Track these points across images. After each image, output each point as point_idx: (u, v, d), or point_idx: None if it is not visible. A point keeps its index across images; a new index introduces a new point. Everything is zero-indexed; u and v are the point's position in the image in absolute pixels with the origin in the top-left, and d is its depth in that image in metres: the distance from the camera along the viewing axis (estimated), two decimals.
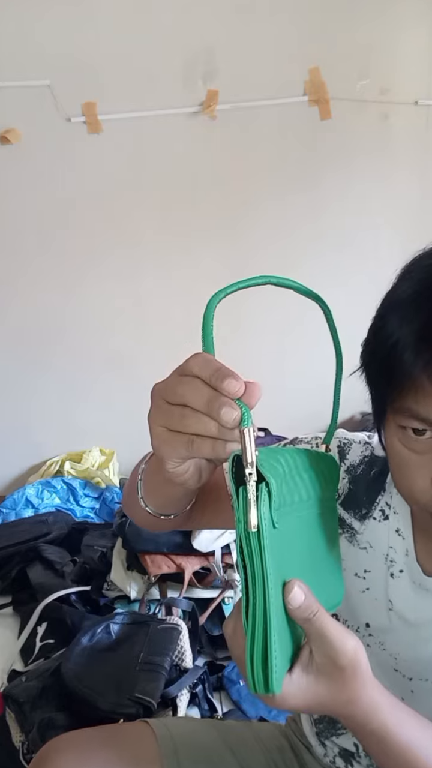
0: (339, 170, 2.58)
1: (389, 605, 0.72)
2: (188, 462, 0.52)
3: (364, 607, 0.74)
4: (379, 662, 0.73)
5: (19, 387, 2.58)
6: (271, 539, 0.48)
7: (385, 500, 0.73)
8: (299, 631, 0.52)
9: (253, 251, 2.56)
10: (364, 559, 0.74)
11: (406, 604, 0.71)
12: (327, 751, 0.85)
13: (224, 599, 1.68)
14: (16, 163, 2.33)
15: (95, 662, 1.35)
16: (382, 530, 0.73)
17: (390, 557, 0.72)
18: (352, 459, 0.77)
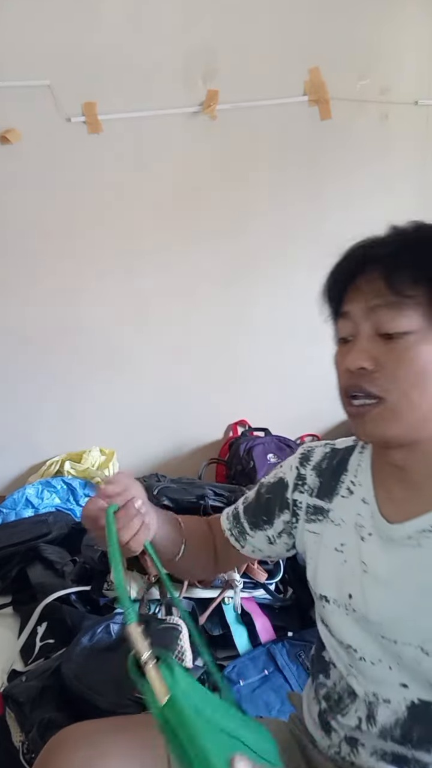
0: (339, 170, 2.58)
1: (363, 567, 0.80)
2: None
3: (346, 578, 0.82)
4: (367, 634, 0.79)
5: (19, 387, 2.58)
6: (187, 703, 0.57)
7: (350, 479, 0.86)
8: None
9: (253, 251, 2.56)
10: (339, 533, 0.84)
11: (378, 563, 0.78)
12: (332, 740, 0.85)
13: (224, 599, 1.67)
14: (16, 163, 2.33)
15: (95, 662, 1.35)
16: (350, 504, 0.84)
17: (359, 524, 0.82)
18: (315, 459, 0.92)
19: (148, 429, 2.69)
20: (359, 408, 0.74)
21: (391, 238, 0.76)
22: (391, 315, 0.72)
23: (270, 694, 1.52)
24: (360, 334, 0.75)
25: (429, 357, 0.71)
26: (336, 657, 0.87)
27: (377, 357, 0.73)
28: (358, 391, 0.74)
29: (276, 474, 0.97)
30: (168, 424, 2.71)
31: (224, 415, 2.76)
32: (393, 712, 0.78)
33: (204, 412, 2.74)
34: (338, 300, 0.79)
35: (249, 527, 0.98)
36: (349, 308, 0.76)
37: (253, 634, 1.66)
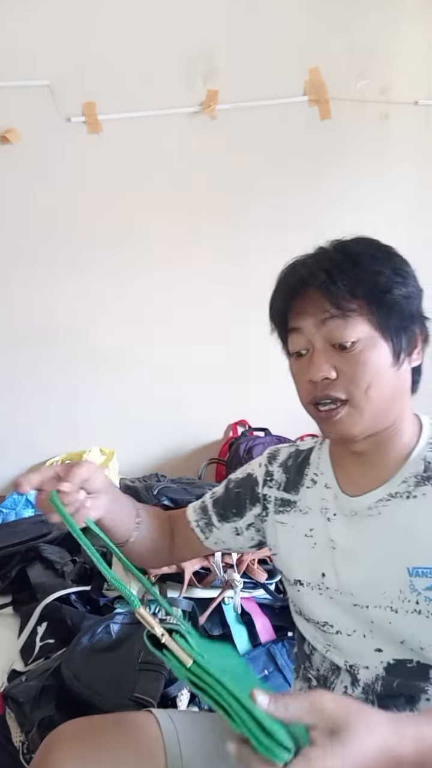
0: (339, 170, 2.58)
1: (332, 545, 0.89)
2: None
3: (317, 559, 0.90)
4: (340, 607, 0.87)
5: (19, 387, 2.58)
6: (207, 661, 0.63)
7: (313, 471, 0.96)
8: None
9: (252, 251, 2.56)
10: (307, 520, 0.93)
11: (344, 538, 0.88)
12: None
13: (224, 599, 1.67)
14: (16, 163, 2.33)
15: (95, 662, 1.35)
16: (315, 492, 0.94)
17: (324, 507, 0.91)
18: (282, 457, 1.02)
19: (148, 429, 2.69)
20: (328, 412, 0.82)
21: (322, 257, 0.85)
22: (340, 327, 0.80)
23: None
24: (314, 346, 0.83)
25: (378, 358, 0.81)
26: (314, 640, 0.93)
27: (336, 365, 0.81)
28: (324, 399, 0.82)
29: (245, 470, 1.06)
30: (168, 424, 2.71)
31: (224, 415, 2.76)
32: (372, 674, 0.85)
33: (204, 412, 2.73)
34: (285, 318, 0.87)
35: (217, 519, 1.04)
36: (299, 324, 0.84)
37: (253, 634, 1.66)
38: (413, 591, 0.80)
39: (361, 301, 0.80)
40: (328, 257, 0.84)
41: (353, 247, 0.85)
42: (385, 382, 0.81)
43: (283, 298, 0.87)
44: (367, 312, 0.80)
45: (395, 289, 0.81)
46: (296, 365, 0.87)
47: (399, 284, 0.81)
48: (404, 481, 0.84)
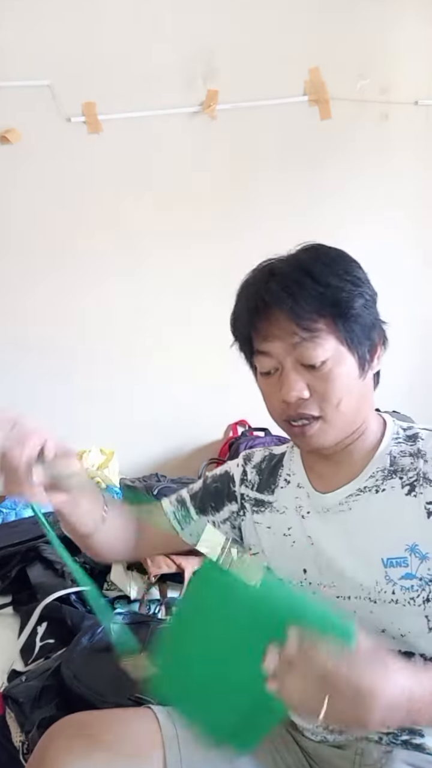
0: (339, 170, 2.57)
1: (309, 541, 0.91)
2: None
3: (298, 557, 0.92)
4: (329, 602, 0.87)
5: (18, 387, 2.58)
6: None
7: (286, 472, 0.99)
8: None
9: (252, 251, 2.54)
10: (284, 520, 0.95)
11: (320, 533, 0.90)
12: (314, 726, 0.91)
13: None
14: (16, 163, 2.33)
15: (95, 662, 1.35)
16: (288, 492, 0.97)
17: (298, 505, 0.94)
18: (256, 459, 1.05)
19: (148, 429, 2.69)
20: (301, 428, 0.85)
21: (282, 278, 0.84)
22: (309, 349, 0.83)
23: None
24: (285, 367, 0.85)
25: (347, 373, 0.84)
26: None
27: (308, 384, 0.84)
28: (299, 417, 0.85)
29: (222, 469, 1.10)
30: (168, 424, 2.71)
31: (224, 415, 2.76)
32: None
33: (204, 412, 2.73)
34: (249, 339, 0.88)
35: (195, 512, 1.06)
36: (267, 348, 0.86)
37: None
38: (389, 581, 0.82)
39: (328, 319, 0.82)
40: (289, 278, 0.84)
41: (308, 261, 0.86)
42: (353, 394, 0.85)
43: (247, 321, 0.88)
44: (333, 329, 0.83)
45: (356, 302, 0.83)
46: (266, 384, 0.89)
47: (358, 296, 0.84)
48: (372, 476, 0.88)
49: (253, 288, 0.89)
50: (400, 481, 0.86)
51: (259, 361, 0.89)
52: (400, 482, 0.86)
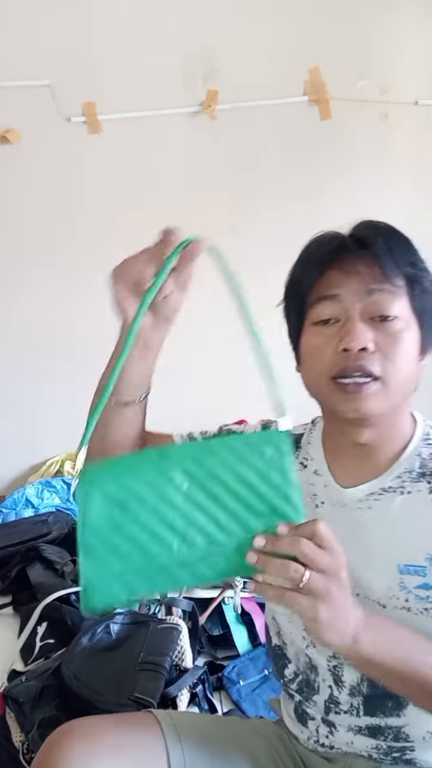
0: (339, 170, 2.57)
1: None
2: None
3: None
4: None
5: (19, 387, 2.58)
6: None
7: (303, 455, 0.92)
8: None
9: (252, 251, 2.56)
10: None
11: (331, 527, 0.80)
12: (310, 729, 0.88)
13: (224, 599, 1.67)
14: (16, 163, 2.33)
15: (95, 662, 1.35)
16: (303, 476, 0.89)
17: (312, 493, 0.87)
18: None
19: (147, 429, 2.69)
20: (356, 386, 0.76)
21: (368, 225, 0.81)
22: (387, 300, 0.76)
23: (270, 694, 1.52)
24: (352, 316, 0.77)
25: (412, 342, 0.78)
26: (290, 633, 0.90)
27: (373, 338, 0.76)
28: (357, 371, 0.76)
29: (239, 427, 1.05)
30: (168, 424, 2.70)
31: (224, 415, 2.75)
32: (356, 669, 0.81)
33: (203, 412, 2.73)
34: (311, 286, 0.81)
35: None
36: (337, 291, 0.78)
37: (253, 634, 1.66)
38: (403, 588, 0.78)
39: (406, 280, 0.77)
40: (379, 226, 0.81)
41: (390, 226, 0.82)
42: (411, 368, 0.78)
43: (318, 263, 0.80)
44: (408, 292, 0.78)
45: (427, 276, 0.80)
46: (318, 334, 0.80)
47: (427, 272, 0.80)
48: (398, 476, 0.82)
49: (331, 235, 0.82)
50: (428, 486, 0.80)
51: (317, 309, 0.80)
52: (428, 486, 0.80)
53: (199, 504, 0.65)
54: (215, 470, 0.65)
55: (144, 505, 0.64)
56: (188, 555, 0.64)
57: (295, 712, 0.92)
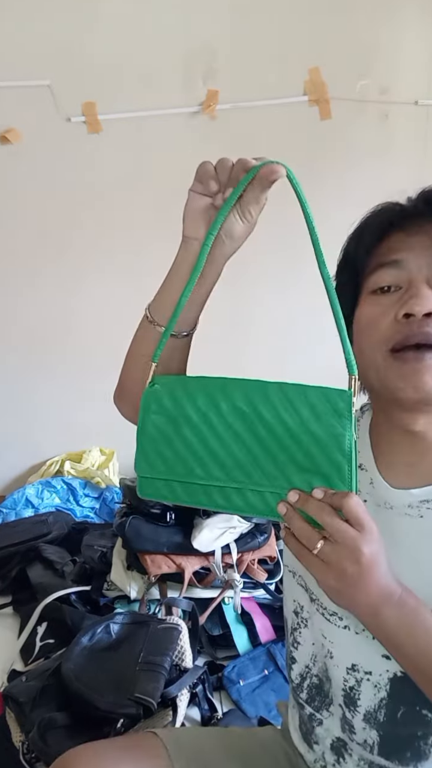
0: (339, 170, 2.58)
1: None
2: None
3: None
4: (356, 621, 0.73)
5: (19, 387, 2.58)
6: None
7: None
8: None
9: (252, 251, 2.55)
10: None
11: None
12: (316, 752, 0.84)
13: (224, 599, 1.67)
14: (16, 163, 2.33)
15: (95, 662, 1.35)
16: None
17: None
18: None
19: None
20: (416, 357, 0.67)
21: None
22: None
23: (270, 694, 1.52)
24: (416, 282, 0.70)
25: None
26: (309, 630, 0.83)
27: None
28: (421, 339, 0.67)
29: None
30: None
31: None
32: (375, 687, 0.75)
33: None
34: (367, 254, 0.76)
35: None
36: (399, 256, 0.72)
37: (253, 634, 1.66)
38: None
39: None
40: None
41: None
42: None
43: (378, 228, 0.76)
44: None
45: None
46: (376, 303, 0.72)
47: None
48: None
49: (393, 204, 0.79)
50: None
51: (376, 276, 0.73)
52: None
53: (243, 442, 0.66)
54: (267, 413, 0.65)
55: (193, 429, 0.68)
56: (225, 483, 0.67)
57: (301, 729, 0.87)
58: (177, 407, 0.69)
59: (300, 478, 0.64)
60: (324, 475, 0.63)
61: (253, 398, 0.66)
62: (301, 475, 0.64)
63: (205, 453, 0.68)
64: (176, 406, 0.70)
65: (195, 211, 0.75)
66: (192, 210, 0.76)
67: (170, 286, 0.82)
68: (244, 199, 0.75)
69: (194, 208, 0.75)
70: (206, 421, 0.68)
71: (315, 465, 0.63)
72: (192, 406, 0.69)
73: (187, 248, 0.78)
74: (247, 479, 0.66)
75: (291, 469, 0.64)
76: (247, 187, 0.74)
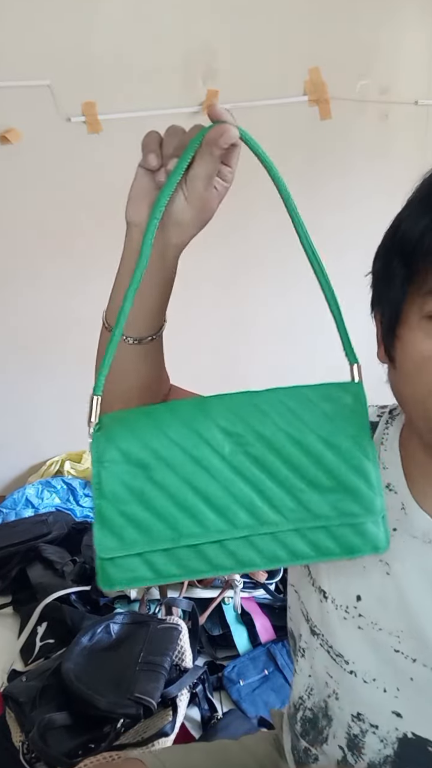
0: (339, 170, 2.58)
1: (386, 569, 0.63)
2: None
3: (354, 577, 0.65)
4: (377, 646, 0.64)
5: (19, 387, 2.58)
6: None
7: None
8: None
9: (252, 251, 2.56)
10: None
11: (405, 565, 0.62)
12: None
13: (224, 599, 1.67)
14: (16, 163, 2.33)
15: (95, 662, 1.35)
16: None
17: None
18: None
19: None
20: None
21: None
22: None
23: (270, 694, 1.52)
24: None
25: None
26: (306, 661, 0.74)
27: None
28: None
29: None
30: None
31: None
32: (381, 742, 0.65)
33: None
34: (417, 264, 0.56)
35: None
36: None
37: (253, 634, 1.66)
38: None
39: None
40: None
41: None
42: None
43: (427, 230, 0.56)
44: None
45: None
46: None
47: None
48: None
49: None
50: None
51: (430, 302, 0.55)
52: None
53: (246, 474, 0.52)
54: (265, 430, 0.53)
55: (172, 469, 0.53)
56: (228, 534, 0.51)
57: (294, 754, 0.78)
58: (142, 448, 0.54)
59: (322, 502, 0.52)
60: (350, 490, 0.52)
61: (244, 416, 0.54)
62: (323, 498, 0.52)
63: (195, 498, 0.52)
64: (141, 447, 0.54)
65: (138, 191, 0.64)
66: (135, 189, 0.64)
67: (119, 284, 0.69)
68: (190, 173, 0.61)
69: (138, 186, 0.64)
70: (188, 455, 0.53)
71: (337, 480, 0.52)
72: (163, 441, 0.54)
73: (131, 236, 0.66)
74: (255, 521, 0.52)
75: (308, 493, 0.52)
76: (195, 158, 0.60)
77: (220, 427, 0.53)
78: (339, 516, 0.52)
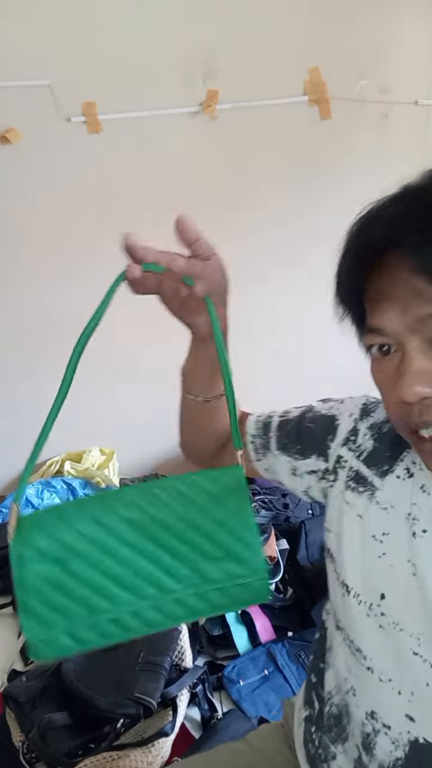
0: (339, 170, 2.58)
1: (413, 569, 0.63)
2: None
3: (380, 575, 0.66)
4: (397, 648, 0.64)
5: (18, 387, 2.58)
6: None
7: (411, 458, 0.68)
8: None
9: (252, 251, 2.56)
10: (383, 520, 0.67)
11: (430, 566, 0.62)
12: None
13: None
14: (16, 163, 2.33)
15: (95, 662, 1.35)
16: (406, 488, 0.66)
17: (413, 515, 0.65)
18: (377, 417, 0.75)
19: (148, 429, 2.69)
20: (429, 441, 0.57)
21: (405, 204, 0.60)
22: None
23: (270, 694, 1.52)
24: (407, 350, 0.56)
25: None
26: (332, 656, 0.76)
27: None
28: (424, 426, 0.57)
29: (330, 409, 0.81)
30: (168, 424, 2.70)
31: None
32: (392, 744, 0.65)
33: None
34: (358, 309, 0.62)
35: (276, 445, 0.81)
36: (382, 324, 0.57)
37: (253, 634, 1.66)
38: None
39: None
40: (416, 202, 0.58)
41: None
42: None
43: (352, 274, 0.60)
44: None
45: None
46: (382, 369, 0.60)
47: None
48: None
49: (364, 222, 0.60)
50: None
51: (368, 339, 0.60)
52: None
53: (147, 554, 0.61)
54: (160, 513, 0.61)
55: (84, 560, 0.60)
56: (138, 606, 0.60)
57: (307, 749, 0.78)
58: (57, 544, 0.61)
59: (214, 568, 0.61)
60: (236, 557, 0.61)
61: (140, 503, 0.62)
62: (215, 565, 0.61)
63: (106, 581, 0.60)
64: (56, 544, 0.61)
65: (173, 306, 0.78)
66: (170, 307, 0.78)
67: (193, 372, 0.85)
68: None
69: (169, 302, 0.77)
70: (96, 546, 0.60)
71: (225, 550, 0.61)
72: (74, 535, 0.61)
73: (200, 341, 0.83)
74: (159, 591, 0.60)
75: (202, 563, 0.61)
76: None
77: (120, 516, 0.62)
78: (229, 579, 0.61)
